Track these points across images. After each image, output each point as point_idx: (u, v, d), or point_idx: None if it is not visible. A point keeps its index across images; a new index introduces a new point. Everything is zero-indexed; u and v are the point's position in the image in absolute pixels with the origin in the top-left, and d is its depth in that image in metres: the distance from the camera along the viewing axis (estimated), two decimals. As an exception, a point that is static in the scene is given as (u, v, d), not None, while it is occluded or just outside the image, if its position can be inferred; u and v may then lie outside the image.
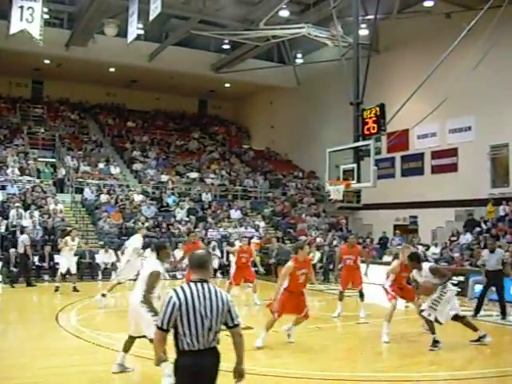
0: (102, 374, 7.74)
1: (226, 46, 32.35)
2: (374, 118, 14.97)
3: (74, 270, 17.29)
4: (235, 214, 27.21)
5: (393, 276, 10.75)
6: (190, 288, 4.43)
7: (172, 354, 4.54)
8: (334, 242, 23.96)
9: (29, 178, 25.50)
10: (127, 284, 14.64)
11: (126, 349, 7.76)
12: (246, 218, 27.15)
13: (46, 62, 32.00)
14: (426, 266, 10.17)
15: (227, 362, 4.68)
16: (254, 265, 21.62)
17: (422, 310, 10.03)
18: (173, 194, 27.67)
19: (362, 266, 14.15)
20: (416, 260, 10.28)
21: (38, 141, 30.47)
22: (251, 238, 24.74)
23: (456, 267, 18.80)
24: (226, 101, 42.41)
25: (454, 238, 22.16)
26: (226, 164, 33.87)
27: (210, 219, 25.86)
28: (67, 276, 17.38)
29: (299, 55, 34.31)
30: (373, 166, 14.49)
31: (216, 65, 33.19)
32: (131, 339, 7.76)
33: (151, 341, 6.75)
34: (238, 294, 16.60)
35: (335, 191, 15.44)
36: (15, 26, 18.68)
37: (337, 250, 20.35)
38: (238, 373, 4.66)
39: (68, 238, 17.06)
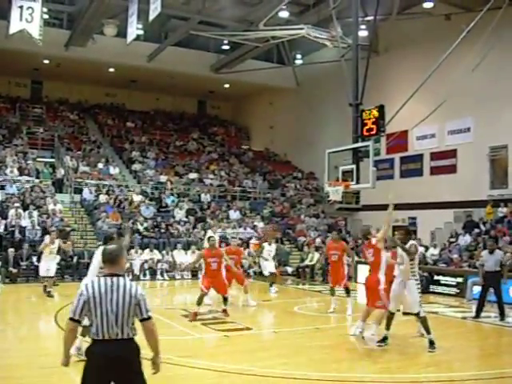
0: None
1: (225, 47, 32.39)
2: (373, 119, 15.00)
3: (52, 273, 16.46)
4: (234, 214, 27.21)
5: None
6: (99, 282, 4.61)
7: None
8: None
9: (28, 178, 25.47)
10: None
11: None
12: (244, 219, 27.15)
13: (46, 61, 31.98)
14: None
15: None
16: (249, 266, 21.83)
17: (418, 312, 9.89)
18: (172, 194, 27.66)
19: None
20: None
21: (37, 141, 30.44)
22: (250, 238, 24.82)
23: (455, 268, 18.83)
24: (225, 101, 42.42)
25: (452, 240, 22.17)
26: (225, 164, 33.87)
27: (208, 220, 25.86)
28: (45, 278, 16.47)
29: (299, 56, 34.35)
30: (372, 167, 14.51)
31: (215, 65, 33.19)
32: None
33: None
34: (236, 294, 16.58)
35: (334, 192, 15.45)
36: (15, 25, 18.68)
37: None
38: (154, 363, 4.80)
39: (47, 241, 16.52)
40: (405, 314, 10.02)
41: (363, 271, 20.66)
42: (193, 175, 30.59)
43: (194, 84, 35.95)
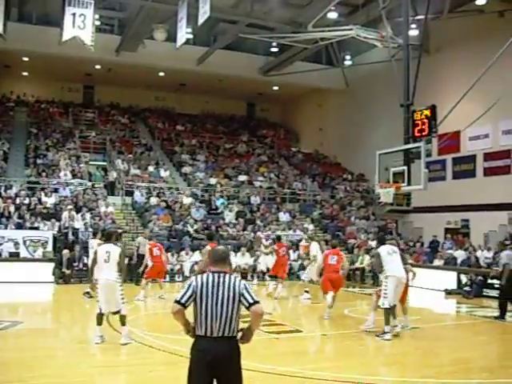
0: (149, 374, 7.79)
1: (274, 49, 32.39)
2: (424, 120, 14.80)
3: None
4: (284, 216, 27.16)
5: None
6: (208, 278, 4.84)
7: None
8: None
9: (80, 180, 25.95)
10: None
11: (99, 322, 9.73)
12: (294, 221, 27.07)
13: (97, 67, 32.63)
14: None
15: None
16: (303, 267, 21.72)
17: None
18: (221, 196, 27.79)
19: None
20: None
21: (90, 144, 31.01)
22: (299, 240, 24.69)
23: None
24: (274, 103, 42.43)
25: (507, 242, 21.65)
26: (274, 167, 33.86)
27: (258, 222, 25.87)
28: None
29: (348, 57, 34.10)
30: (424, 169, 14.29)
31: (264, 68, 33.25)
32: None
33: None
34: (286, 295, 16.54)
35: (385, 194, 15.29)
36: (67, 32, 19.08)
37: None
38: (244, 334, 4.94)
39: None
40: None
41: (416, 274, 20.48)
42: (242, 177, 30.67)
43: (242, 87, 36.09)
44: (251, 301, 4.78)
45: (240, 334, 4.89)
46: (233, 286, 4.78)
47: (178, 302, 4.78)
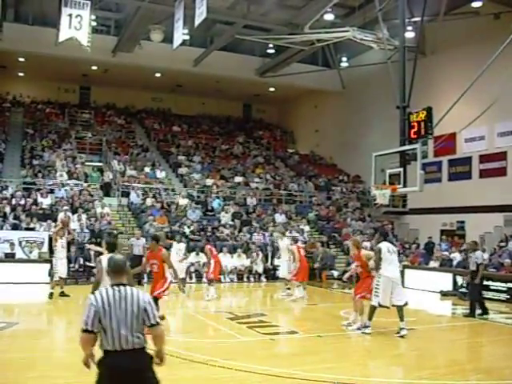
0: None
1: (270, 51, 32.40)
2: (420, 122, 14.83)
3: (63, 274, 16.08)
4: (280, 218, 27.15)
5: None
6: (107, 293, 4.66)
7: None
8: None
9: (76, 181, 25.94)
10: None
11: None
12: (290, 222, 27.07)
13: (94, 68, 32.62)
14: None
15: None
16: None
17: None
18: (218, 197, 27.79)
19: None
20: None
21: (86, 145, 31.00)
22: (296, 242, 24.65)
23: (505, 273, 18.43)
24: (270, 105, 42.46)
25: (502, 244, 21.70)
26: (270, 168, 33.88)
27: (254, 223, 25.88)
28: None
29: (344, 59, 34.16)
30: (419, 171, 14.32)
31: (261, 69, 33.28)
32: None
33: None
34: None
35: (381, 196, 15.31)
36: (64, 33, 19.10)
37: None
38: (157, 356, 4.86)
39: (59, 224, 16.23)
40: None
41: (411, 275, 20.53)
42: (238, 179, 30.68)
43: (239, 88, 36.14)
44: (153, 322, 4.70)
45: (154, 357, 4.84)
46: (136, 300, 4.65)
47: (85, 331, 4.59)
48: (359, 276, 11.86)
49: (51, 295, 15.22)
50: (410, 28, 22.48)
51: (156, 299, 10.54)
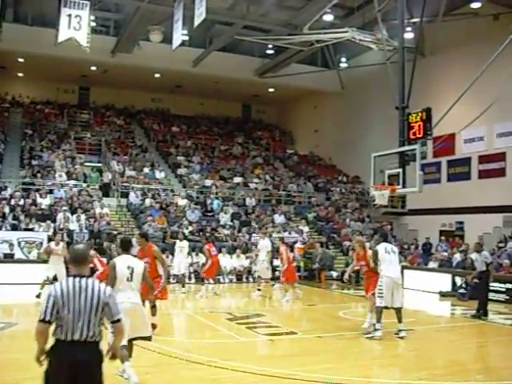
0: (146, 376, 7.75)
1: (269, 51, 32.43)
2: (419, 123, 14.85)
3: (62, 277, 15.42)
4: (279, 218, 27.15)
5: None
6: (67, 283, 4.62)
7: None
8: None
9: (76, 182, 25.93)
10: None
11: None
12: (289, 223, 27.08)
13: (93, 68, 32.60)
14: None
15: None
16: (298, 269, 21.78)
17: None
18: (217, 198, 27.78)
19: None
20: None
21: (85, 146, 31.00)
22: (295, 242, 24.66)
23: (504, 274, 18.42)
24: (269, 105, 42.45)
25: (501, 245, 21.70)
26: (269, 169, 33.89)
27: (253, 224, 25.87)
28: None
29: (343, 59, 34.20)
30: (418, 171, 14.32)
31: (260, 70, 33.27)
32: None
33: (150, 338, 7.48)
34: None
35: (380, 196, 15.32)
36: (63, 34, 19.11)
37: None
38: (111, 350, 4.95)
39: (51, 244, 15.99)
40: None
41: (410, 276, 20.52)
42: (238, 179, 30.68)
43: (238, 88, 36.14)
44: (115, 318, 4.71)
45: (106, 352, 4.83)
46: (97, 293, 4.62)
47: (42, 320, 4.57)
48: (363, 276, 11.91)
49: (39, 295, 14.89)
50: (409, 29, 22.46)
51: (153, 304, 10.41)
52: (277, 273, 19.78)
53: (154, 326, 9.69)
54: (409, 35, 22.16)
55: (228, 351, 9.67)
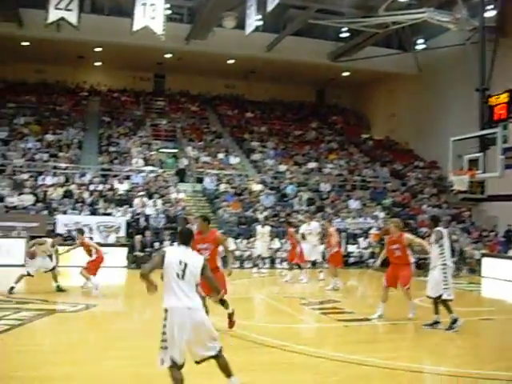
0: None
1: (344, 34, 31.97)
2: (502, 105, 14.34)
3: (51, 266, 13.98)
4: (354, 204, 26.87)
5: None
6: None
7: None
8: (455, 237, 22.89)
9: (152, 168, 26.41)
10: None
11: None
12: (364, 209, 26.75)
13: (168, 56, 33.01)
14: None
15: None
16: (372, 255, 21.49)
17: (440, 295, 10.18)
18: (291, 183, 27.71)
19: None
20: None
21: (161, 132, 31.57)
22: (370, 228, 24.35)
23: None
24: (344, 89, 41.86)
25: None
26: (344, 154, 33.55)
27: (328, 209, 25.68)
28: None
29: (420, 41, 33.30)
30: (500, 155, 13.86)
31: (334, 53, 32.88)
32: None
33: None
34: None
35: (459, 181, 14.96)
36: (138, 22, 19.40)
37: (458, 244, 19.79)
38: None
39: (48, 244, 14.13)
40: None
41: (489, 264, 19.93)
42: (312, 165, 30.52)
43: (312, 73, 35.83)
44: None
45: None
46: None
47: None
48: (392, 262, 11.25)
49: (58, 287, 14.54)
50: (490, 7, 21.64)
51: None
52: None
53: (231, 324, 9.50)
54: (490, 13, 21.36)
55: (302, 336, 9.66)
